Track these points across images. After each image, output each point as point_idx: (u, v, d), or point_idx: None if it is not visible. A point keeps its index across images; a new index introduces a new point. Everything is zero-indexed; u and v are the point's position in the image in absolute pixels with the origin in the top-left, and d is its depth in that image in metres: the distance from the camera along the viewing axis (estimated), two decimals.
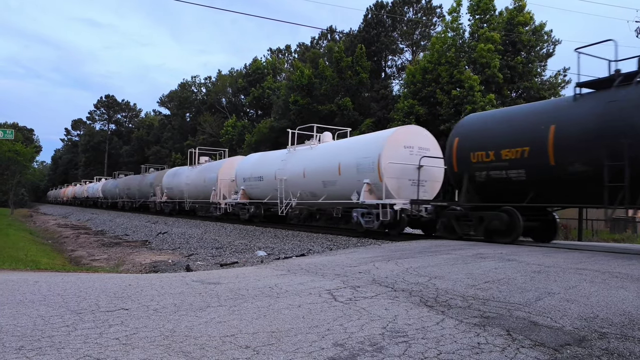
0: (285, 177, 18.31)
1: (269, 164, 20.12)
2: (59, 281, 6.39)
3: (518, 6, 28.02)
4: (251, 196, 21.53)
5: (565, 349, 3.47)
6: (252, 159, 22.67)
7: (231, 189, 23.70)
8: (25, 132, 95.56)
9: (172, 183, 31.69)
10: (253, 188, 21.16)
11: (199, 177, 27.18)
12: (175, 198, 31.27)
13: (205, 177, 26.16)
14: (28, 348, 3.43)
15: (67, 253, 17.69)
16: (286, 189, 18.25)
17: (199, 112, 61.41)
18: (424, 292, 5.30)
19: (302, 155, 18.18)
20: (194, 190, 27.56)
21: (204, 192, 26.02)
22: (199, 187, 26.81)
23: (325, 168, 16.47)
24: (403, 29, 40.60)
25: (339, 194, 15.82)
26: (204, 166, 28.03)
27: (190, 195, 28.06)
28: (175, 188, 30.82)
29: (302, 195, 17.71)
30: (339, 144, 17.62)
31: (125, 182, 44.05)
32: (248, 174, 21.59)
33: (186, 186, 28.44)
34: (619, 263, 7.18)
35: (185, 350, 3.43)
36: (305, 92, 37.34)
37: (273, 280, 6.27)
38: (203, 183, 26.14)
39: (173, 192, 31.44)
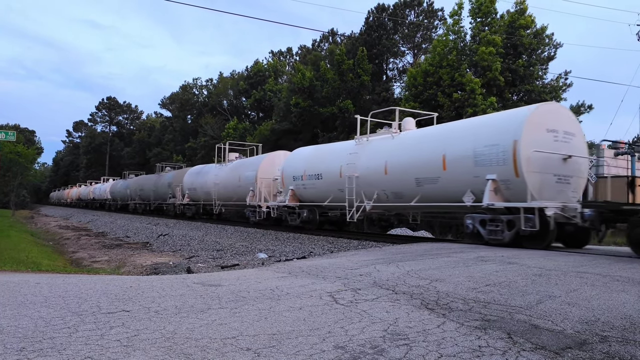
0: (356, 174, 14.91)
1: (331, 159, 16.74)
2: (60, 283, 6.39)
3: (519, 9, 28.05)
4: (302, 198, 18.32)
5: (567, 352, 3.47)
6: (304, 154, 19.17)
7: (272, 189, 20.81)
8: (26, 133, 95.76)
9: (195, 183, 28.03)
10: (307, 188, 17.79)
11: (231, 175, 23.90)
12: (199, 200, 27.74)
13: (240, 176, 22.80)
14: (29, 349, 3.43)
15: (68, 255, 17.71)
16: (358, 189, 14.90)
17: (201, 114, 61.48)
18: (425, 295, 5.29)
19: (380, 147, 14.73)
20: (224, 191, 24.31)
21: (238, 193, 22.77)
22: (231, 187, 23.59)
23: (421, 161, 12.99)
24: (404, 32, 40.63)
25: (442, 194, 12.54)
26: (237, 163, 24.76)
27: (220, 197, 24.67)
28: (200, 189, 27.29)
29: (381, 196, 14.44)
30: (440, 129, 13.92)
31: (138, 182, 40.64)
32: (300, 171, 18.19)
33: (215, 186, 24.86)
34: (620, 266, 7.17)
35: (187, 352, 3.43)
36: (306, 95, 37.37)
37: (274, 283, 6.27)
38: (237, 182, 22.88)
39: (196, 194, 27.93)
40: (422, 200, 13.11)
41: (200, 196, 27.45)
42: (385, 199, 14.30)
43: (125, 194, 42.73)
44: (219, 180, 24.74)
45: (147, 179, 39.32)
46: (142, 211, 38.99)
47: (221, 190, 24.56)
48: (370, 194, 14.64)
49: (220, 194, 24.72)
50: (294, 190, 18.51)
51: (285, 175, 19.20)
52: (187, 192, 29.14)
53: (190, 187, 28.65)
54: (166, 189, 33.01)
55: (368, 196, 14.69)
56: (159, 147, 68.89)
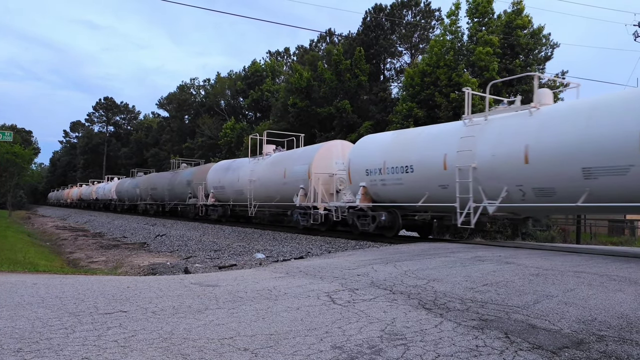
0: (473, 164, 11.18)
1: (429, 146, 12.90)
2: (57, 283, 6.38)
3: (516, 9, 28.10)
4: (379, 197, 14.45)
5: (564, 351, 3.48)
6: (382, 141, 15.11)
7: (329, 187, 17.17)
8: (23, 134, 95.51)
9: (224, 180, 24.19)
10: (387, 185, 13.94)
11: (272, 171, 20.10)
12: (227, 200, 24.03)
13: (286, 171, 18.99)
14: (26, 350, 3.42)
15: (65, 255, 17.67)
16: (475, 185, 11.20)
17: (198, 114, 61.43)
18: (422, 295, 5.30)
19: (512, 127, 10.92)
20: (262, 189, 20.44)
21: (282, 191, 19.03)
22: (272, 185, 19.82)
23: (595, 143, 9.12)
24: (402, 32, 40.68)
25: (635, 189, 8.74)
26: (278, 156, 20.81)
27: (258, 197, 20.79)
28: (230, 187, 23.47)
29: (513, 194, 10.66)
30: (620, 97, 9.73)
31: (150, 180, 36.61)
32: (377, 162, 14.29)
33: (250, 184, 21.00)
34: (617, 266, 7.19)
35: (184, 352, 3.43)
36: (304, 95, 37.37)
37: (271, 283, 6.27)
38: (281, 179, 19.11)
39: (225, 193, 24.18)
40: (594, 199, 9.24)
41: (229, 196, 23.74)
42: (520, 198, 10.59)
43: (134, 194, 39.11)
44: (256, 176, 20.98)
45: (161, 176, 35.38)
46: (155, 213, 35.15)
47: (259, 188, 20.74)
48: (495, 191, 10.89)
49: (258, 193, 20.85)
50: (366, 188, 14.71)
51: (353, 169, 15.34)
52: (212, 191, 25.30)
53: (217, 185, 24.87)
54: (184, 188, 29.20)
55: (490, 194, 11.01)
56: (157, 147, 68.84)
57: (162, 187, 33.04)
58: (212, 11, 40.35)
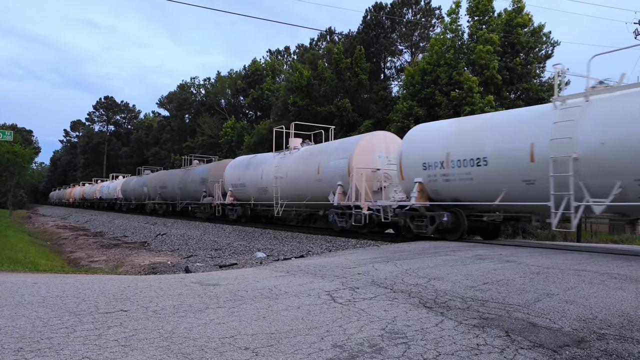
0: (574, 153, 9.19)
1: (508, 133, 11.02)
2: (57, 283, 6.38)
3: (517, 8, 28.08)
4: (439, 195, 12.54)
5: (564, 350, 3.47)
6: (442, 129, 13.17)
7: (372, 183, 15.36)
8: (24, 133, 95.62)
9: (244, 177, 22.23)
10: (451, 180, 11.99)
11: (302, 166, 18.11)
12: (248, 199, 22.13)
13: (320, 166, 16.95)
14: (27, 350, 3.42)
15: (66, 254, 17.69)
16: (575, 180, 9.16)
17: (198, 113, 61.44)
18: (423, 294, 5.30)
19: (629, 109, 8.89)
20: (291, 187, 18.57)
21: (315, 189, 17.19)
22: (302, 182, 17.91)
23: None
24: (402, 31, 40.66)
25: None
26: (310, 150, 18.92)
27: (286, 195, 18.86)
28: (252, 185, 21.53)
29: (630, 190, 8.74)
30: None
31: (159, 178, 34.78)
32: (437, 155, 12.41)
33: (276, 181, 19.09)
34: (617, 264, 7.19)
35: (185, 351, 3.43)
36: (304, 94, 37.36)
37: (272, 282, 6.27)
38: (313, 175, 17.18)
39: (245, 191, 22.22)
40: None
41: (250, 194, 21.76)
42: (638, 196, 8.65)
43: (142, 193, 37.21)
44: (283, 172, 19.00)
45: (171, 174, 33.66)
46: (164, 213, 33.12)
47: (286, 186, 18.75)
48: (603, 187, 8.94)
49: (286, 191, 18.83)
50: (422, 185, 12.88)
51: (406, 163, 13.42)
52: (230, 189, 23.34)
53: (236, 183, 22.84)
54: (198, 186, 27.31)
55: (595, 190, 9.08)
56: (157, 146, 68.85)
57: (173, 185, 31.23)
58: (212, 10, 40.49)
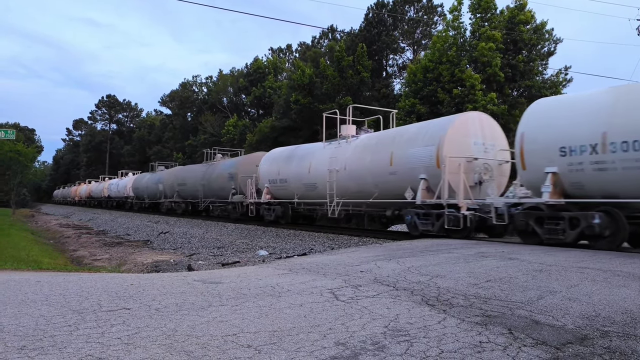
0: None
1: None
2: (60, 281, 6.40)
3: (519, 5, 27.99)
4: (582, 190, 9.79)
5: (567, 347, 3.47)
6: (587, 103, 10.00)
7: (468, 176, 12.23)
8: (26, 132, 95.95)
9: (285, 172, 19.37)
10: (607, 170, 9.20)
11: (369, 157, 15.01)
12: (289, 197, 19.29)
13: (394, 156, 13.90)
14: (30, 348, 3.43)
15: (68, 253, 17.73)
16: None
17: (200, 111, 61.45)
18: (425, 291, 5.29)
19: None
20: (351, 182, 15.64)
21: (387, 184, 14.22)
22: (368, 176, 14.90)
23: None
24: (404, 28, 40.56)
25: None
26: (378, 137, 15.65)
27: (345, 192, 15.92)
28: (296, 180, 18.67)
29: None
30: None
31: (176, 175, 31.88)
32: (585, 135, 9.53)
33: (331, 175, 16.20)
34: (620, 261, 7.17)
35: (187, 349, 3.44)
36: (306, 92, 37.32)
37: (275, 280, 6.27)
38: (386, 168, 14.09)
39: (287, 188, 19.33)
40: None
41: (293, 191, 18.91)
42: None
43: (156, 191, 34.23)
44: (339, 165, 16.13)
45: (191, 170, 30.72)
46: (183, 212, 30.47)
47: (345, 181, 15.84)
48: None
49: (343, 187, 15.96)
50: (557, 176, 9.92)
51: (531, 148, 10.52)
52: (266, 185, 20.53)
53: (275, 178, 20.06)
54: (225, 182, 24.32)
55: None
56: (159, 144, 68.90)
57: (194, 182, 28.15)
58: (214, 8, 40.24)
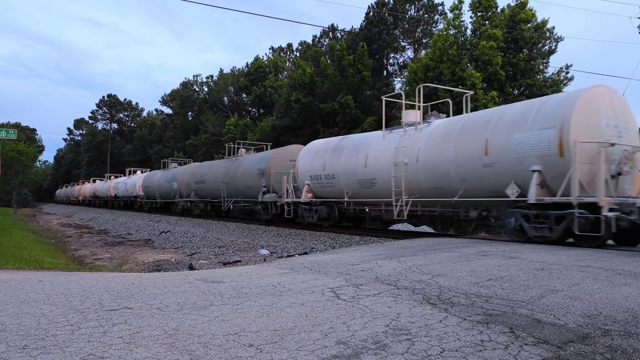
0: None
1: None
2: (62, 280, 6.41)
3: (520, 3, 27.96)
4: None
5: (569, 346, 3.46)
6: None
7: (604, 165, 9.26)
8: (27, 131, 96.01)
9: (333, 166, 16.56)
10: None
11: (453, 145, 12.07)
12: (337, 196, 16.45)
13: (490, 144, 11.12)
14: (32, 347, 3.44)
15: (70, 252, 17.74)
16: None
17: (201, 111, 61.46)
18: (426, 290, 5.29)
19: None
20: (428, 176, 12.87)
21: (479, 178, 11.46)
22: (452, 169, 12.04)
23: None
24: (405, 27, 40.51)
25: None
26: (462, 121, 12.48)
27: (417, 188, 13.20)
28: (346, 175, 15.90)
29: None
30: None
31: (194, 172, 29.05)
32: None
33: (398, 169, 13.50)
34: (622, 260, 7.16)
35: (189, 348, 3.44)
36: (307, 91, 37.31)
37: (276, 279, 6.28)
38: (480, 159, 11.27)
39: (335, 185, 16.52)
40: None
41: (343, 188, 16.13)
42: None
43: (169, 189, 31.76)
44: (409, 156, 13.24)
45: (211, 166, 28.19)
46: (201, 213, 28.05)
47: (418, 175, 13.03)
48: None
49: (416, 184, 13.16)
50: None
51: None
52: (307, 182, 17.89)
53: (319, 174, 17.32)
54: (254, 180, 21.52)
55: None
56: (160, 144, 68.94)
57: (215, 179, 25.51)
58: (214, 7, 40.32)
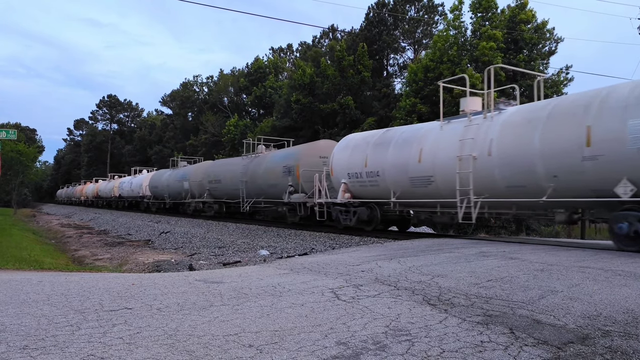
0: None
1: None
2: (62, 281, 6.41)
3: (520, 4, 27.99)
4: None
5: (569, 347, 3.47)
6: None
7: None
8: (27, 132, 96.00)
9: (377, 162, 13.95)
10: None
11: (537, 136, 9.88)
12: (382, 196, 13.85)
13: (592, 132, 8.90)
14: (32, 347, 3.44)
15: (70, 253, 17.73)
16: None
17: (201, 111, 61.46)
18: (426, 291, 5.30)
19: None
20: (505, 172, 10.63)
21: (576, 174, 9.27)
22: (539, 163, 9.86)
23: None
24: (405, 28, 40.53)
25: None
26: (552, 105, 10.13)
27: (490, 187, 10.97)
28: (395, 172, 13.39)
29: None
30: None
31: (207, 171, 26.78)
32: None
33: (464, 164, 11.20)
34: (622, 261, 7.16)
35: (189, 349, 3.44)
36: (307, 91, 37.32)
37: (276, 279, 6.28)
38: (579, 151, 9.11)
39: (379, 184, 13.94)
40: None
41: (389, 188, 13.58)
42: None
43: (180, 189, 29.87)
44: (482, 149, 10.90)
45: (227, 164, 25.86)
46: (216, 214, 25.67)
47: (491, 172, 10.79)
48: None
49: (488, 182, 10.88)
50: None
51: None
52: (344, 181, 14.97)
53: (359, 171, 14.51)
54: (279, 178, 19.19)
55: None
56: (160, 144, 68.94)
57: (233, 178, 23.47)
58: (214, 8, 40.57)
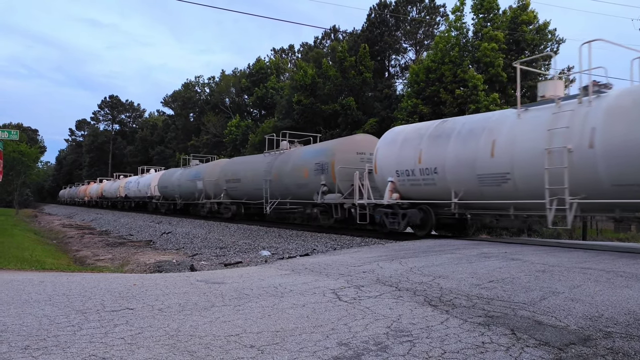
0: None
1: None
2: (64, 281, 6.42)
3: (522, 5, 27.97)
4: None
5: (570, 348, 3.46)
6: None
7: None
8: (29, 132, 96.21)
9: (433, 157, 12.08)
10: None
11: None
12: (436, 196, 12.21)
13: None
14: (34, 347, 3.44)
15: (71, 253, 17.76)
16: None
17: (203, 112, 61.50)
18: (428, 292, 5.29)
19: None
20: (609, 170, 8.54)
21: None
22: None
23: None
24: (406, 29, 40.53)
25: None
26: None
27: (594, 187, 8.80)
28: (458, 170, 11.40)
29: None
30: None
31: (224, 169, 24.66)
32: None
33: (555, 158, 9.11)
34: (623, 262, 7.15)
35: (190, 349, 3.44)
36: (308, 92, 37.32)
37: (277, 280, 6.28)
38: None
39: (436, 182, 12.05)
40: None
41: (448, 187, 11.77)
42: None
43: (193, 189, 28.05)
44: (579, 140, 9.01)
45: (248, 162, 23.56)
46: (234, 215, 23.72)
47: (592, 168, 8.82)
48: None
49: (588, 180, 8.94)
50: None
51: None
52: (391, 179, 13.26)
53: (411, 168, 12.72)
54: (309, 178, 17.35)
55: None
56: (162, 145, 68.99)
57: (255, 177, 21.36)
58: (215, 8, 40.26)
